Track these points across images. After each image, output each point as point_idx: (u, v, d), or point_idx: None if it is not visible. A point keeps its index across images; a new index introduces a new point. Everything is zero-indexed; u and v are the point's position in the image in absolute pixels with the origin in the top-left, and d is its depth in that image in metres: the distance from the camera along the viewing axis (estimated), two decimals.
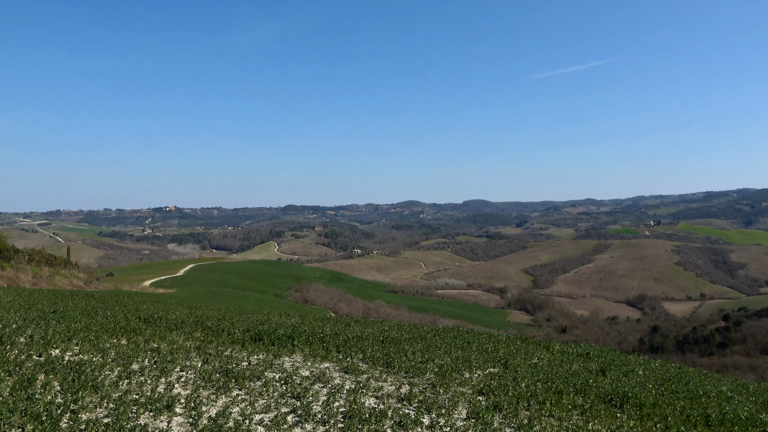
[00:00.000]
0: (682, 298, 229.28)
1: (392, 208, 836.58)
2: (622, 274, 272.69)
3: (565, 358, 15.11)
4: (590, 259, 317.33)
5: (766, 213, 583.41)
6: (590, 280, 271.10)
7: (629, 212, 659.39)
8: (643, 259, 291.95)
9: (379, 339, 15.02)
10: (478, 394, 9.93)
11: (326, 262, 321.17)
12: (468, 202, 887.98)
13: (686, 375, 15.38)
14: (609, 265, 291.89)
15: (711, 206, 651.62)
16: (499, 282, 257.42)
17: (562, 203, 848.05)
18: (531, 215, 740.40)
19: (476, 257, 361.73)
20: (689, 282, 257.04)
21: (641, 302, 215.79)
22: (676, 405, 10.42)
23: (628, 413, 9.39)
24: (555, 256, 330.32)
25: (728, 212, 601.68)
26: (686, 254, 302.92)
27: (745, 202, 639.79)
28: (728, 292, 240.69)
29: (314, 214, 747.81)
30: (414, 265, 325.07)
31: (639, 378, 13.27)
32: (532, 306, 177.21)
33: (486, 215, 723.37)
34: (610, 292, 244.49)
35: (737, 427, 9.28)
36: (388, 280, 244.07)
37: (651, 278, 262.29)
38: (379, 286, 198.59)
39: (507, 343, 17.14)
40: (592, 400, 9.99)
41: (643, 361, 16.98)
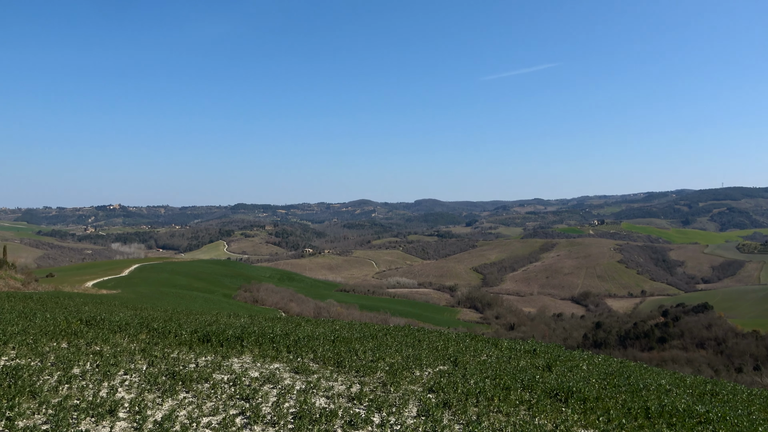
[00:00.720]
0: (624, 295, 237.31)
1: (344, 207, 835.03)
2: (567, 272, 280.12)
3: (513, 355, 15.42)
4: (538, 258, 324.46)
5: (702, 213, 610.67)
6: (537, 278, 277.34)
7: (575, 212, 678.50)
8: (588, 258, 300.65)
9: (330, 338, 14.97)
10: (428, 392, 10.03)
11: (277, 261, 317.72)
12: (419, 202, 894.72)
13: (627, 369, 15.93)
14: (555, 264, 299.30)
15: (651, 206, 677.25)
16: (449, 280, 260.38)
17: (511, 203, 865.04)
18: (481, 214, 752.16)
19: (427, 256, 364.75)
20: (631, 279, 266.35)
21: (586, 299, 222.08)
22: (618, 398, 10.79)
23: (572, 407, 9.67)
24: (504, 254, 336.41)
25: (667, 212, 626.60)
26: (628, 252, 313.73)
27: (684, 202, 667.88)
28: (667, 289, 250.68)
29: (265, 213, 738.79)
30: (365, 264, 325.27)
31: (583, 373, 13.67)
32: (482, 304, 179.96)
33: (437, 214, 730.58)
34: (557, 290, 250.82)
35: (675, 418, 9.68)
36: (340, 280, 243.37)
37: (595, 276, 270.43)
38: (331, 286, 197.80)
39: (457, 340, 17.37)
40: (538, 395, 10.23)
41: (587, 356, 17.49)
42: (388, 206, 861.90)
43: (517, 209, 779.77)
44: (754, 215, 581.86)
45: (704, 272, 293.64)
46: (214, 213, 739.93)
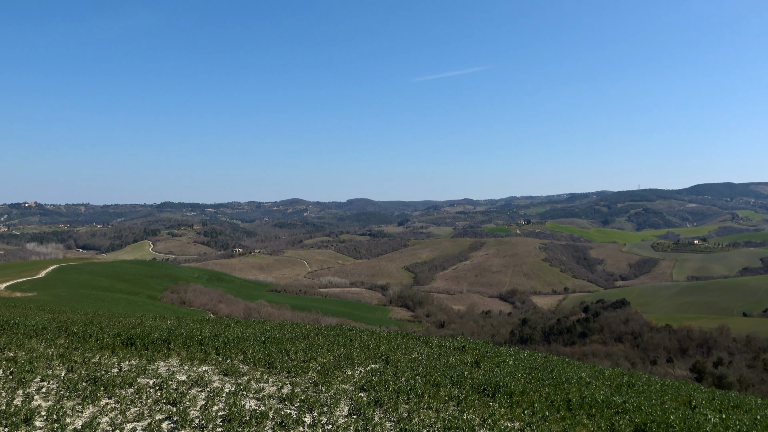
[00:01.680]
0: (549, 292, 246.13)
1: (275, 206, 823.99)
2: (495, 270, 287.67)
3: (442, 352, 15.72)
4: (467, 257, 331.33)
5: (620, 213, 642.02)
6: (467, 276, 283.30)
7: (503, 212, 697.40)
8: (515, 256, 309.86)
9: (260, 339, 14.77)
10: (359, 391, 10.08)
11: (205, 261, 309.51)
12: (352, 201, 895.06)
13: (551, 364, 16.56)
14: (484, 262, 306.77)
15: (574, 207, 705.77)
16: (381, 279, 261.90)
17: (442, 203, 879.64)
18: (412, 214, 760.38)
19: (359, 255, 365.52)
20: (555, 277, 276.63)
21: (513, 296, 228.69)
22: (542, 392, 11.21)
23: (499, 402, 9.97)
24: (435, 253, 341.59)
25: (589, 212, 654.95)
26: (552, 251, 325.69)
27: (603, 203, 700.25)
28: (588, 286, 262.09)
29: (193, 212, 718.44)
30: (297, 264, 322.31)
31: (510, 368, 14.11)
32: (413, 302, 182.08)
33: (369, 214, 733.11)
34: (485, 288, 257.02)
35: (594, 409, 10.17)
36: (271, 280, 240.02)
37: (521, 274, 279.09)
38: (262, 286, 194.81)
39: (388, 339, 17.53)
40: (467, 390, 10.48)
41: (513, 352, 18.05)
42: (321, 205, 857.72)
43: (447, 209, 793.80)
44: (667, 216, 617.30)
45: (622, 270, 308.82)
46: (138, 212, 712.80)
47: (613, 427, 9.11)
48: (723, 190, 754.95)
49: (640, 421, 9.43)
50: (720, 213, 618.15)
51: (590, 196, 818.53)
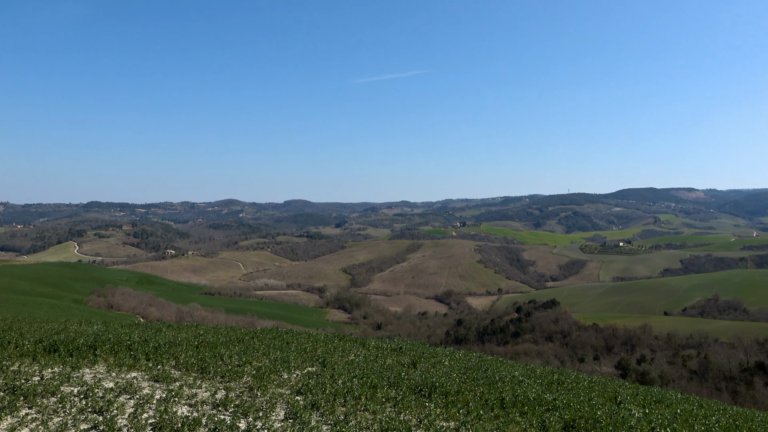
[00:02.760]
0: (483, 293, 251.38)
1: (210, 207, 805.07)
2: (432, 271, 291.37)
3: (379, 354, 15.76)
4: (404, 258, 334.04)
5: (551, 216, 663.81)
6: (404, 278, 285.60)
7: (439, 214, 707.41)
8: (451, 258, 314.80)
9: (193, 344, 14.37)
10: (296, 394, 9.97)
11: (135, 263, 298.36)
12: (289, 202, 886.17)
13: (485, 363, 16.91)
14: (421, 264, 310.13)
15: (508, 209, 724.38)
16: (318, 281, 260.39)
17: (380, 204, 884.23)
18: (350, 216, 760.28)
19: (297, 257, 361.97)
20: (489, 278, 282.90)
21: (448, 297, 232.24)
22: (477, 391, 11.43)
23: (435, 401, 10.09)
24: (372, 255, 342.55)
25: (522, 215, 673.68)
26: (486, 253, 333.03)
27: (536, 206, 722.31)
28: (521, 287, 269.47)
29: (122, 212, 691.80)
30: (232, 266, 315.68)
31: (445, 368, 14.30)
32: (350, 304, 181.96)
33: (307, 215, 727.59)
34: (422, 289, 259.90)
35: (527, 407, 10.45)
36: (205, 282, 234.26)
37: (457, 275, 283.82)
38: (195, 289, 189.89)
39: (325, 341, 17.42)
40: (404, 391, 10.55)
41: (449, 352, 18.32)
42: (257, 206, 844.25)
43: (385, 211, 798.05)
44: (594, 219, 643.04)
45: (553, 271, 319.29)
46: (63, 211, 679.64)
47: (544, 424, 9.39)
48: (646, 194, 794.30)
49: (569, 418, 9.75)
50: (643, 216, 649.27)
51: (523, 200, 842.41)
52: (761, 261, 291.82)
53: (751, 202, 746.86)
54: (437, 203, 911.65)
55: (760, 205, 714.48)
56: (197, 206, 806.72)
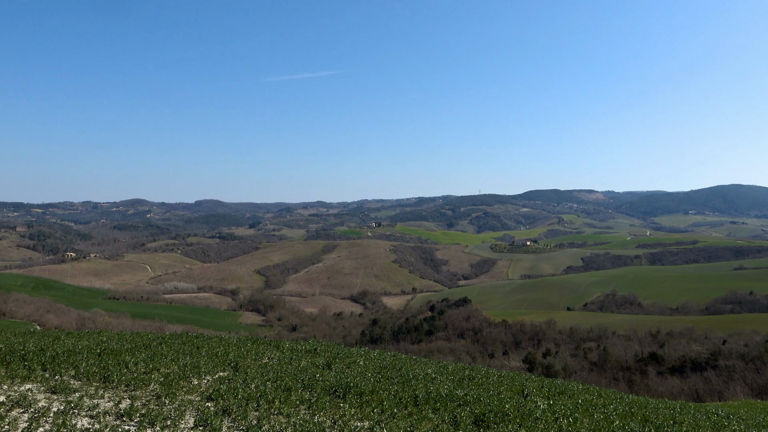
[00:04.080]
0: (398, 293, 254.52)
1: (114, 207, 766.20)
2: (347, 272, 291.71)
3: (294, 356, 15.60)
4: (320, 259, 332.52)
5: (463, 216, 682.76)
6: (319, 278, 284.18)
7: (355, 214, 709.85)
8: (366, 258, 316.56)
9: (95, 352, 13.61)
10: (206, 401, 9.68)
11: (31, 267, 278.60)
12: (200, 202, 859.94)
13: (399, 362, 17.13)
14: (336, 264, 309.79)
15: (422, 210, 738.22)
16: (231, 284, 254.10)
17: (295, 205, 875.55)
18: (265, 216, 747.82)
19: (208, 259, 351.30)
20: (403, 278, 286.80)
21: (364, 298, 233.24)
22: (391, 389, 11.55)
23: (350, 402, 10.11)
24: (287, 256, 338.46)
25: (435, 215, 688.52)
26: (401, 253, 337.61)
27: (448, 207, 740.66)
28: (434, 286, 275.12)
29: (16, 212, 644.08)
30: (139, 269, 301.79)
31: (360, 368, 14.36)
32: (264, 306, 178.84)
33: (219, 216, 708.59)
34: (337, 290, 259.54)
35: (439, 403, 10.69)
36: (109, 286, 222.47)
37: (372, 275, 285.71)
38: (98, 293, 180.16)
39: (238, 345, 17.03)
40: (318, 393, 10.50)
41: (363, 352, 18.41)
42: (166, 206, 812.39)
43: (300, 211, 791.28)
44: (504, 219, 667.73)
45: (465, 269, 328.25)
46: None
47: (456, 419, 9.63)
48: (551, 196, 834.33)
49: (479, 412, 10.06)
50: (549, 217, 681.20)
51: (437, 200, 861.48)
52: (654, 258, 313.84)
53: (645, 203, 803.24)
54: (353, 204, 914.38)
55: (652, 206, 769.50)
56: (100, 206, 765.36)
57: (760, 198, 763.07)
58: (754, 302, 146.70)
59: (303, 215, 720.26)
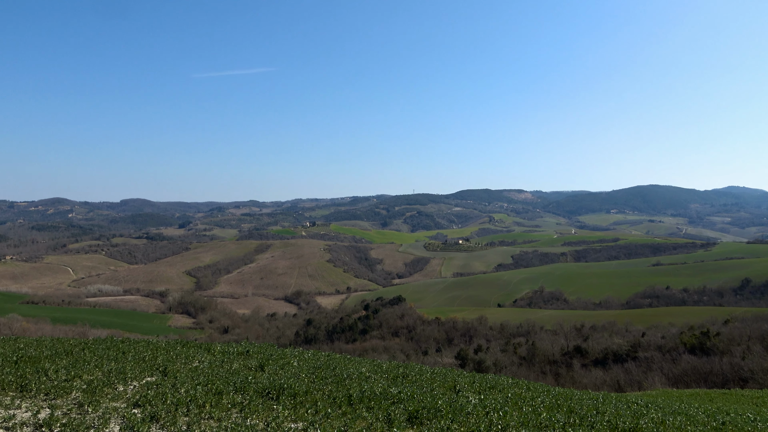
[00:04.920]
0: (333, 292, 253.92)
1: (33, 206, 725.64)
2: (281, 272, 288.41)
3: (225, 358, 15.28)
4: (253, 259, 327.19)
5: (398, 216, 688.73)
6: (252, 279, 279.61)
7: (289, 214, 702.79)
8: (300, 258, 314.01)
9: (11, 359, 12.86)
10: (133, 407, 9.34)
11: None
12: (126, 201, 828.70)
13: (334, 362, 17.10)
14: (270, 264, 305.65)
15: (356, 209, 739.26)
16: (160, 285, 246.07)
17: (227, 204, 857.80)
18: (195, 216, 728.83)
19: (135, 260, 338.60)
20: (338, 277, 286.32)
21: (298, 298, 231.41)
22: (325, 390, 11.52)
23: (283, 403, 10.01)
24: (219, 256, 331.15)
25: (370, 215, 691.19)
26: (336, 252, 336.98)
27: (383, 206, 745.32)
28: (369, 285, 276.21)
29: None
30: (60, 272, 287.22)
31: (294, 369, 14.23)
32: (195, 308, 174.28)
33: (147, 215, 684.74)
34: (271, 290, 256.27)
35: (373, 402, 10.73)
36: (27, 290, 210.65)
37: (307, 275, 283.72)
38: (14, 298, 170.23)
39: (167, 349, 16.53)
40: (251, 395, 10.33)
41: (297, 353, 18.25)
42: (89, 206, 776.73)
43: (232, 211, 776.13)
44: (437, 218, 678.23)
45: (399, 268, 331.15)
46: None
47: (390, 417, 9.71)
48: (483, 195, 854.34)
49: (413, 409, 10.18)
50: (480, 216, 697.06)
51: (371, 200, 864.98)
52: (578, 255, 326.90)
53: (571, 202, 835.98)
54: (287, 203, 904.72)
55: (577, 205, 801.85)
56: (17, 205, 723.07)
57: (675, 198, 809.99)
58: (671, 296, 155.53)
59: (235, 215, 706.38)
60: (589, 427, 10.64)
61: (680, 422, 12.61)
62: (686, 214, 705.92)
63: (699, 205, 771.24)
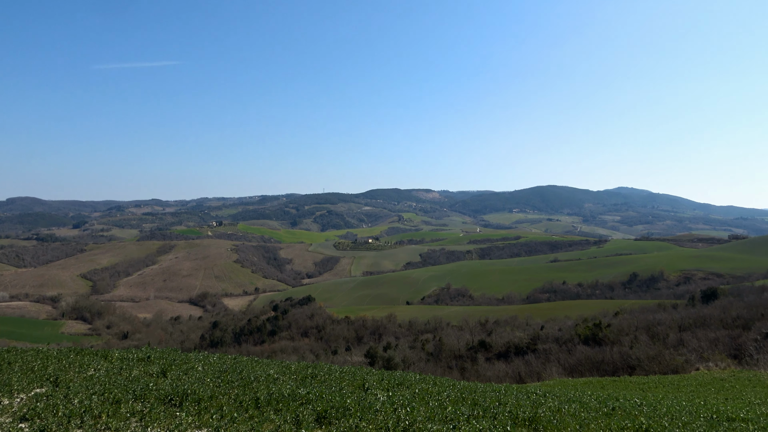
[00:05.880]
0: (240, 293, 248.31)
1: None
2: (186, 273, 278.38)
3: (125, 365, 14.57)
4: (155, 261, 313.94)
5: (307, 215, 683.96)
6: (154, 281, 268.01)
7: (194, 213, 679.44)
8: (206, 259, 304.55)
9: None
10: (20, 421, 8.71)
11: None
12: (14, 200, 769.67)
13: (240, 364, 16.75)
14: (174, 266, 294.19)
15: (265, 208, 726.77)
16: (51, 290, 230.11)
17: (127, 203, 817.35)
18: (91, 215, 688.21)
19: (23, 263, 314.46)
20: (246, 278, 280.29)
21: (204, 300, 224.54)
22: (231, 393, 11.27)
23: (187, 410, 9.69)
24: (117, 258, 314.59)
25: (279, 214, 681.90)
26: (244, 252, 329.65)
27: (293, 205, 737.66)
28: (278, 285, 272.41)
29: None
30: None
31: (198, 374, 13.81)
32: (91, 314, 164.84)
33: (37, 215, 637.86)
34: (175, 293, 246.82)
35: (281, 404, 10.63)
36: None
37: (213, 276, 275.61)
38: None
39: (59, 357, 15.52)
40: (152, 403, 9.93)
41: (202, 357, 17.73)
42: None
43: (133, 210, 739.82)
44: (347, 217, 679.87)
45: (308, 268, 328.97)
46: None
47: (298, 418, 9.66)
48: (392, 195, 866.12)
49: (321, 409, 10.18)
50: (389, 215, 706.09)
51: (280, 199, 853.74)
52: (483, 253, 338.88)
53: (476, 201, 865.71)
54: (192, 202, 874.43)
55: (482, 205, 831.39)
56: None
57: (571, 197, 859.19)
58: (567, 291, 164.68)
59: (136, 214, 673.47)
60: (491, 418, 11.09)
61: (575, 409, 13.42)
62: (581, 213, 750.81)
63: (592, 204, 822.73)
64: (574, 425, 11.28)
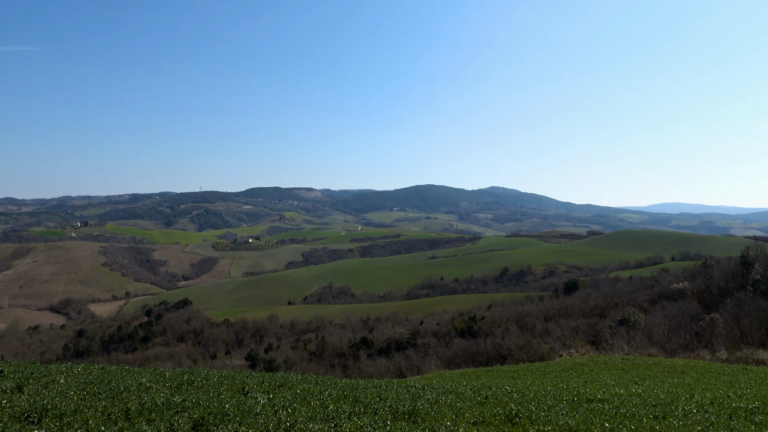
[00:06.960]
0: (109, 299, 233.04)
1: None
2: (46, 279, 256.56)
3: None
4: (9, 265, 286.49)
5: (184, 214, 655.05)
6: (9, 288, 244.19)
7: (55, 213, 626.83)
8: (69, 262, 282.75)
9: None
10: None
11: None
12: None
13: (109, 374, 15.74)
14: (31, 271, 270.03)
15: (137, 208, 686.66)
16: None
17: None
18: None
19: None
20: (115, 282, 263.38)
21: (67, 307, 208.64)
22: (98, 406, 10.56)
23: (47, 427, 8.96)
24: None
25: (152, 213, 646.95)
26: (113, 255, 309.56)
27: (167, 204, 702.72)
28: (152, 288, 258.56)
29: None
30: None
31: (61, 387, 12.82)
32: None
33: None
34: (33, 300, 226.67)
35: (155, 414, 10.12)
36: None
37: (77, 281, 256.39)
38: None
39: None
40: (5, 422, 9.07)
41: (65, 368, 16.45)
42: None
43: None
44: (226, 217, 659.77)
45: (185, 270, 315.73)
46: None
47: (173, 427, 9.26)
48: (273, 193, 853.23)
49: (198, 416, 9.83)
50: (270, 214, 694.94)
51: (154, 197, 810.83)
52: (365, 251, 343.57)
53: (357, 200, 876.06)
54: (53, 200, 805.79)
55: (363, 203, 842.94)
56: None
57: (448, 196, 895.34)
58: (444, 286, 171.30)
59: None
60: (372, 414, 11.30)
61: (451, 400, 14.02)
62: (457, 212, 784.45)
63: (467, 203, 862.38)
64: (451, 415, 11.79)
